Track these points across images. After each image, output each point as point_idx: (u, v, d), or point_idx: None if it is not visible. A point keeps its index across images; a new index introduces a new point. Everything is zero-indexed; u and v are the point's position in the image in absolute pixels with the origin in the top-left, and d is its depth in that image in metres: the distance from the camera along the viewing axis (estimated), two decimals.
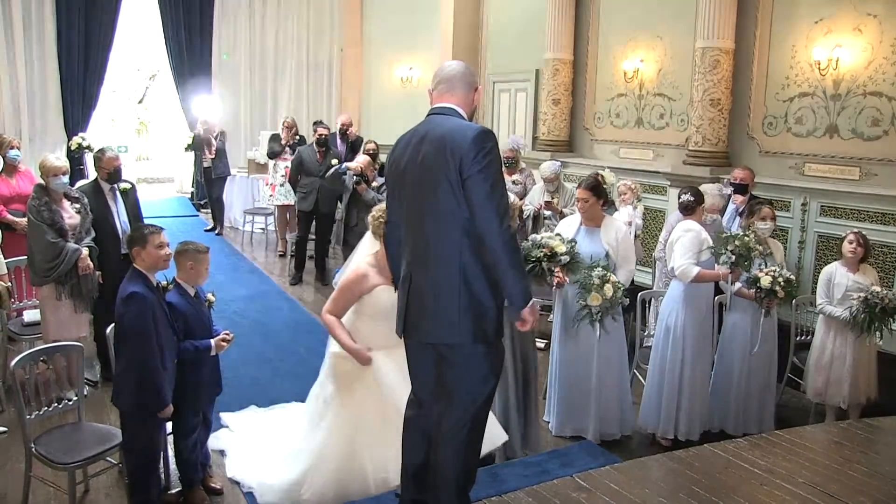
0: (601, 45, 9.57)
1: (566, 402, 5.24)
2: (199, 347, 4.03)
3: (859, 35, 6.75)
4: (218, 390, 4.31)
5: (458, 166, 3.02)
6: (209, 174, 11.25)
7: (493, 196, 3.00)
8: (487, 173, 3.01)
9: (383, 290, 3.95)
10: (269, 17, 13.87)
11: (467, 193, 3.02)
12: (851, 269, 5.45)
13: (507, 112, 11.45)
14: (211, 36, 13.52)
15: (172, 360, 3.92)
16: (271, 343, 6.83)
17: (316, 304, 8.09)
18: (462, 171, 3.02)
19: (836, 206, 6.85)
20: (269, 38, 13.94)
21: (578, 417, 5.22)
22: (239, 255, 10.45)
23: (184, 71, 13.38)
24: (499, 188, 3.03)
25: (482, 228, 3.00)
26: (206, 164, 11.20)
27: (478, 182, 3.00)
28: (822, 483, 3.81)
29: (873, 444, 4.78)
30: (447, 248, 3.10)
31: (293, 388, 5.75)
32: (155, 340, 3.77)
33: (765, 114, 7.63)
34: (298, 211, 9.04)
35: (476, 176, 3.00)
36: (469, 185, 3.01)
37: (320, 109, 14.17)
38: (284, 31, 14.03)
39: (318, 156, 8.73)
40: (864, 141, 6.79)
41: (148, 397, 3.80)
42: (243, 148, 13.32)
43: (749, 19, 7.67)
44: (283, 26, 14.01)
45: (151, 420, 3.87)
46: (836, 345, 5.44)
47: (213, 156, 11.13)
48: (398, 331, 3.31)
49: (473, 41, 12.13)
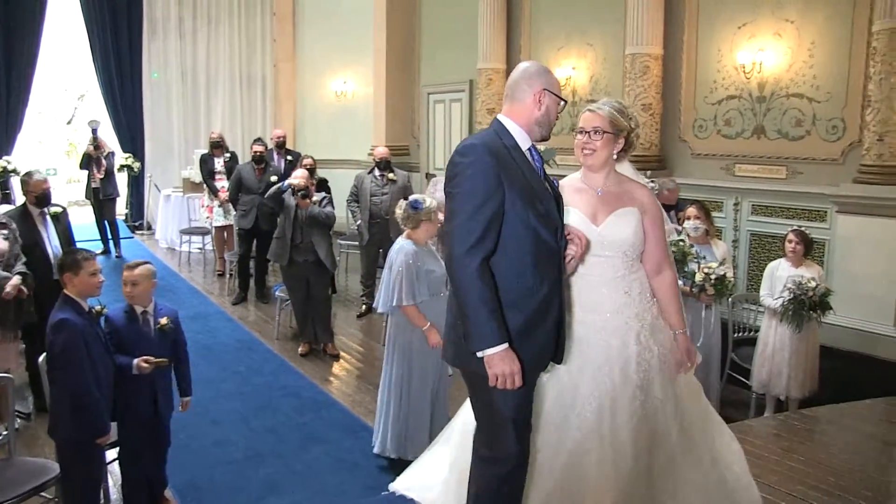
0: (533, 54, 9.68)
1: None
2: (121, 364, 3.92)
3: (779, 39, 6.98)
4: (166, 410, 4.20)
5: (445, 183, 2.81)
6: (98, 195, 10.96)
7: (454, 219, 2.67)
8: (453, 193, 2.71)
9: None
10: (199, 34, 13.69)
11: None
12: (795, 264, 5.61)
13: (442, 123, 11.49)
14: (140, 54, 13.27)
15: (109, 385, 3.81)
16: (214, 364, 6.71)
17: (258, 323, 7.99)
18: (446, 188, 2.78)
19: (766, 205, 7.06)
20: (200, 55, 13.75)
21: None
22: (176, 275, 10.25)
23: (113, 90, 13.12)
24: (462, 210, 2.66)
25: (448, 254, 2.69)
26: (95, 184, 10.90)
27: (447, 203, 2.74)
28: (761, 475, 3.88)
29: (810, 434, 4.94)
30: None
31: (237, 408, 5.68)
32: (88, 367, 3.66)
33: (695, 117, 7.82)
34: (238, 229, 8.91)
35: (448, 196, 2.74)
36: (447, 206, 2.76)
37: (255, 125, 14.03)
38: (216, 48, 13.86)
39: (257, 173, 8.63)
40: (789, 141, 7.02)
41: (85, 425, 3.69)
42: (177, 166, 13.08)
43: (676, 25, 7.86)
44: (215, 42, 13.84)
45: (90, 449, 3.76)
46: (777, 337, 5.59)
47: (101, 176, 10.86)
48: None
49: (407, 53, 12.16)
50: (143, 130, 13.43)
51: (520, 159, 2.78)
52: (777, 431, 4.93)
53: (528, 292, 2.71)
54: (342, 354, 6.93)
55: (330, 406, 5.79)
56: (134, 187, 13.53)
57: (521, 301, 2.70)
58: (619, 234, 3.13)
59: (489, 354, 2.60)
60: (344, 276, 9.98)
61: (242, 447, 5.06)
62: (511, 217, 2.68)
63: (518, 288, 2.70)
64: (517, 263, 2.70)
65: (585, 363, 3.07)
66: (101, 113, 13.29)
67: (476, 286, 2.60)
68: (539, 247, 2.73)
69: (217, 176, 10.03)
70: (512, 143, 2.79)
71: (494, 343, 2.59)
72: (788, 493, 3.86)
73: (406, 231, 4.72)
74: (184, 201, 11.56)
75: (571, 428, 3.05)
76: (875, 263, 6.16)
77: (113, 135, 13.25)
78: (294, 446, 5.07)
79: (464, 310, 2.63)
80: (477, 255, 2.61)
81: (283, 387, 6.17)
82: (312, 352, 6.95)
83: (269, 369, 6.61)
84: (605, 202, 3.17)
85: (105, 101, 13.24)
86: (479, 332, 2.60)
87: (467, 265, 2.61)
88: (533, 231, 2.71)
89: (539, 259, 2.73)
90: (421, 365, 4.67)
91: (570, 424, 3.06)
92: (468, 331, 2.64)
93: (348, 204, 8.36)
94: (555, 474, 3.06)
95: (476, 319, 2.60)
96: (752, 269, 7.21)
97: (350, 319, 8.20)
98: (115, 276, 4.12)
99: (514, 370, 2.62)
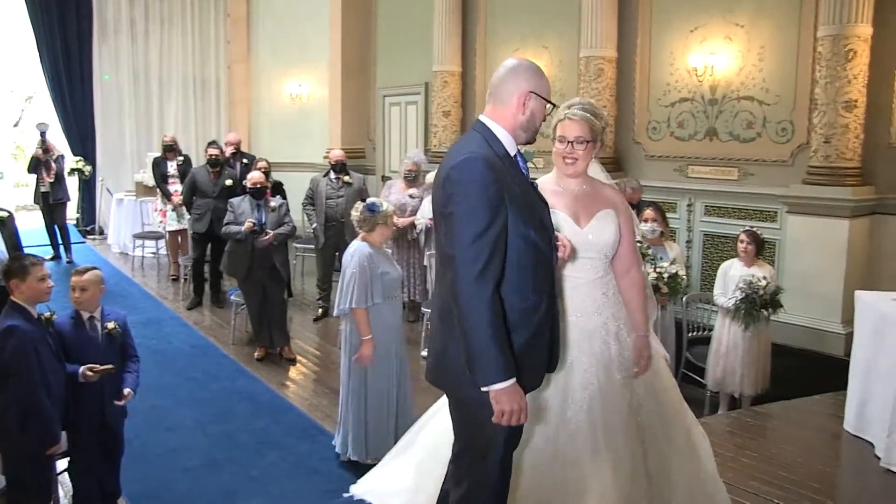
0: (488, 56, 9.72)
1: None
2: (68, 372, 3.84)
3: (730, 43, 7.12)
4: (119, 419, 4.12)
5: (440, 200, 2.58)
6: (47, 199, 10.74)
7: (458, 243, 2.46)
8: (454, 214, 2.48)
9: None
10: (152, 35, 13.46)
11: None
12: (747, 264, 5.71)
13: (398, 125, 11.48)
14: (90, 55, 13.00)
15: (60, 393, 3.73)
16: (168, 370, 6.60)
17: (213, 328, 7.88)
18: (441, 207, 2.57)
19: (719, 206, 7.19)
20: (152, 57, 13.52)
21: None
22: (129, 280, 10.07)
23: (62, 92, 12.84)
24: (467, 233, 2.44)
25: (452, 280, 2.48)
26: (45, 188, 10.68)
27: (449, 223, 2.51)
28: (718, 472, 3.94)
29: (762, 431, 5.05)
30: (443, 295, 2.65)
31: (192, 415, 5.60)
32: (38, 375, 3.58)
33: (648, 119, 7.92)
34: (193, 232, 8.79)
35: (448, 216, 2.51)
36: (444, 227, 2.55)
37: (209, 128, 13.85)
38: (169, 49, 13.65)
39: (212, 176, 8.52)
40: (740, 143, 7.15)
41: (35, 435, 3.61)
42: (130, 170, 12.86)
43: (630, 29, 7.96)
44: (168, 44, 13.62)
45: (40, 459, 3.68)
46: (731, 336, 5.68)
47: (51, 179, 10.65)
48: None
49: (363, 56, 12.12)
50: (95, 133, 13.16)
51: (512, 169, 2.64)
52: (731, 429, 5.03)
53: (531, 311, 2.59)
54: (299, 358, 6.87)
55: (287, 410, 5.73)
56: (85, 191, 13.25)
57: (524, 321, 2.57)
58: (602, 236, 3.14)
59: (497, 390, 2.44)
60: (300, 280, 9.90)
61: (198, 454, 4.99)
62: (512, 235, 2.52)
63: (521, 308, 2.56)
64: (519, 282, 2.55)
65: (572, 366, 3.06)
66: (50, 115, 13.00)
67: (486, 318, 2.42)
68: (539, 261, 2.61)
69: (170, 179, 9.87)
70: (502, 152, 2.64)
71: (503, 378, 2.43)
72: (743, 488, 3.93)
73: (361, 234, 4.72)
74: (137, 205, 11.38)
75: (562, 430, 3.04)
76: (823, 262, 6.31)
77: (63, 138, 12.97)
78: (251, 452, 5.01)
79: (471, 342, 2.44)
80: (488, 284, 2.43)
81: (239, 392, 6.10)
82: (269, 356, 6.88)
83: (225, 374, 6.52)
84: (584, 204, 3.17)
85: (54, 103, 12.95)
86: (488, 367, 2.43)
87: (478, 295, 2.42)
88: (533, 246, 2.58)
89: (538, 274, 2.61)
90: (379, 367, 4.66)
91: (562, 427, 3.04)
92: (475, 364, 2.45)
93: (304, 207, 8.30)
94: (549, 477, 3.03)
95: (486, 354, 2.42)
96: (705, 269, 7.33)
97: (306, 323, 8.13)
98: (66, 282, 4.02)
99: (522, 406, 2.49)
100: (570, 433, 3.03)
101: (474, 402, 2.56)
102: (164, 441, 5.18)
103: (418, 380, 6.21)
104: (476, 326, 2.42)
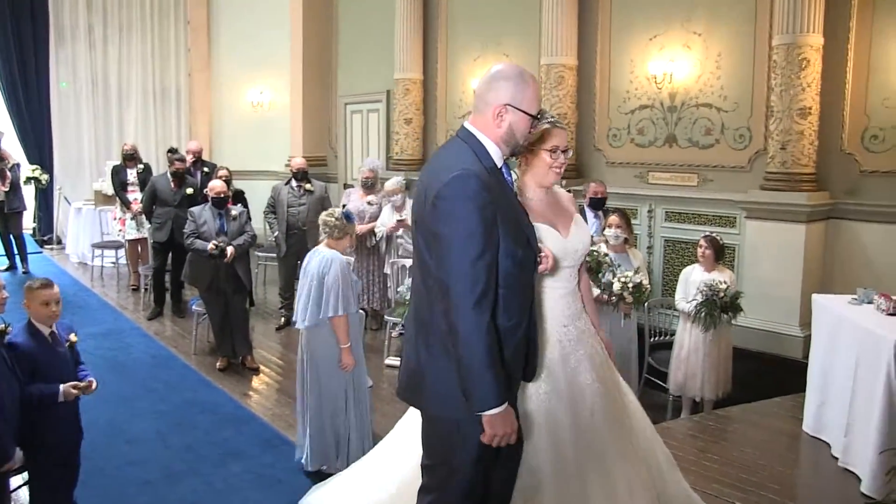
0: (450, 63, 9.76)
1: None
2: (44, 393, 3.75)
3: (688, 51, 7.22)
4: (79, 435, 4.03)
5: (428, 217, 2.49)
6: (2, 209, 10.52)
7: (453, 266, 2.40)
8: (447, 235, 2.41)
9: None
10: (110, 42, 13.29)
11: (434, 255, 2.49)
12: (707, 269, 5.77)
13: (360, 133, 11.47)
14: (47, 61, 12.78)
15: (13, 407, 3.64)
16: (127, 381, 6.49)
17: (174, 338, 7.78)
18: (430, 224, 2.49)
19: (679, 212, 7.28)
20: (111, 64, 13.35)
21: None
22: (88, 290, 9.91)
23: (18, 99, 12.59)
24: (464, 256, 2.38)
25: (448, 308, 2.44)
26: (0, 198, 10.50)
27: (441, 246, 2.44)
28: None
29: (724, 434, 5.11)
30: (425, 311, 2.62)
31: (153, 427, 5.51)
32: None
33: (609, 126, 8.00)
34: (153, 242, 8.67)
35: (439, 238, 2.44)
36: (434, 246, 2.47)
37: (169, 136, 13.69)
38: (128, 57, 13.48)
39: (173, 184, 8.42)
40: (699, 149, 7.25)
41: None
42: (88, 179, 12.66)
43: (590, 37, 8.04)
44: (127, 51, 13.46)
45: None
46: (692, 340, 5.75)
47: (6, 188, 10.45)
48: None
49: (324, 63, 12.08)
50: (52, 141, 12.94)
51: (500, 183, 2.57)
52: (693, 432, 5.08)
53: (513, 329, 2.56)
54: (261, 367, 6.80)
55: (250, 421, 5.67)
56: (42, 200, 13.00)
57: (506, 339, 2.53)
58: (581, 243, 3.17)
59: (491, 415, 2.45)
60: (262, 289, 9.82)
61: (158, 466, 4.90)
62: (501, 255, 2.48)
63: (506, 327, 2.53)
64: (505, 302, 2.51)
65: (576, 371, 3.05)
66: (6, 123, 12.74)
67: (484, 344, 2.40)
68: (525, 280, 2.59)
69: (130, 188, 9.75)
70: (490, 164, 2.55)
71: (498, 403, 2.44)
72: (704, 491, 3.97)
73: (327, 240, 4.66)
74: (96, 214, 11.19)
75: (580, 438, 3.00)
76: (781, 267, 6.42)
77: (18, 146, 12.72)
78: (213, 463, 4.94)
79: (467, 367, 2.42)
80: (486, 310, 2.41)
81: (201, 403, 6.02)
82: (231, 366, 6.80)
83: (187, 385, 6.43)
84: (555, 213, 3.16)
85: (9, 110, 12.67)
86: (484, 392, 2.43)
87: (476, 322, 2.39)
88: (520, 265, 2.54)
89: (524, 293, 2.59)
90: (338, 378, 4.63)
91: (580, 435, 3.01)
92: (472, 391, 2.44)
93: (265, 215, 8.24)
94: (577, 485, 3.00)
95: (482, 380, 2.41)
96: (666, 274, 7.42)
97: (269, 332, 8.06)
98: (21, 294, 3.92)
99: (514, 429, 2.51)
100: (588, 440, 3.01)
101: (450, 424, 2.58)
102: (124, 454, 5.08)
103: (380, 387, 6.21)
104: (474, 353, 2.40)
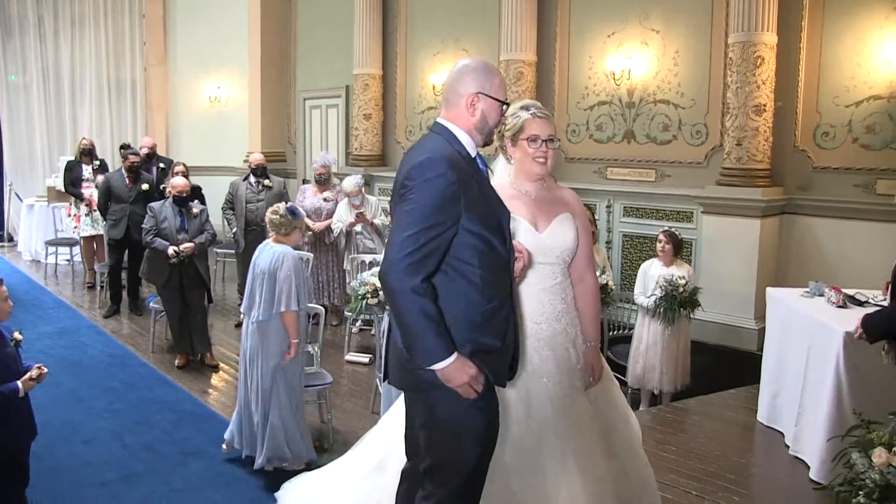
0: (409, 59, 9.75)
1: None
2: (2, 392, 3.67)
3: (646, 48, 7.31)
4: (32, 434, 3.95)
5: (397, 203, 2.54)
6: None
7: (400, 231, 2.43)
8: (404, 208, 2.46)
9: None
10: (62, 35, 12.99)
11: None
12: (666, 264, 5.86)
13: (319, 129, 11.43)
14: None
15: None
16: (83, 380, 6.37)
17: (132, 336, 7.66)
18: (398, 209, 2.52)
19: (637, 207, 7.37)
20: (63, 57, 13.05)
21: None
22: (42, 288, 9.70)
23: None
24: (411, 224, 2.41)
25: (382, 265, 2.49)
26: None
27: (394, 216, 2.52)
28: None
29: (681, 426, 5.19)
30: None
31: (109, 426, 5.41)
32: None
33: (568, 122, 8.07)
34: (109, 239, 8.52)
35: (396, 212, 2.52)
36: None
37: (125, 132, 13.43)
38: (81, 50, 13.19)
39: (128, 181, 8.28)
40: (657, 145, 7.35)
41: None
42: (41, 175, 12.40)
43: (549, 33, 8.10)
44: (80, 44, 13.16)
45: None
46: (651, 334, 5.82)
47: None
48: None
49: (283, 58, 12.00)
50: (1, 136, 12.67)
51: (475, 171, 2.60)
52: (651, 424, 5.15)
53: (492, 312, 2.55)
54: (221, 365, 6.73)
55: (209, 419, 5.61)
56: None
57: (488, 322, 2.54)
58: (561, 240, 3.09)
59: (442, 368, 2.42)
60: (220, 285, 9.71)
61: (116, 466, 4.81)
62: (469, 236, 2.49)
63: (485, 309, 2.53)
64: (482, 282, 2.52)
65: (535, 373, 3.01)
66: None
67: (418, 301, 2.39)
68: (498, 263, 2.58)
69: (85, 184, 9.55)
70: (465, 153, 2.60)
71: (446, 355, 2.41)
72: (662, 482, 4.02)
73: (275, 236, 4.65)
74: (49, 211, 10.97)
75: (528, 438, 2.99)
76: (737, 261, 6.54)
77: None
78: (173, 463, 4.87)
79: (406, 325, 2.43)
80: (418, 273, 2.39)
81: (159, 401, 5.93)
82: (190, 363, 6.72)
83: (145, 384, 6.33)
84: (542, 208, 3.12)
85: None
86: (425, 347, 2.42)
87: (404, 281, 2.39)
88: (490, 248, 2.54)
89: (497, 276, 2.58)
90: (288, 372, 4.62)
91: (527, 435, 2.99)
92: (413, 347, 2.44)
93: (223, 212, 8.15)
94: (517, 484, 2.97)
95: (423, 334, 2.40)
96: (625, 268, 7.50)
97: (228, 329, 7.98)
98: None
99: (474, 374, 2.46)
100: (536, 441, 2.99)
101: (437, 397, 2.53)
102: (79, 454, 4.98)
103: (340, 384, 6.19)
104: (410, 311, 2.40)
